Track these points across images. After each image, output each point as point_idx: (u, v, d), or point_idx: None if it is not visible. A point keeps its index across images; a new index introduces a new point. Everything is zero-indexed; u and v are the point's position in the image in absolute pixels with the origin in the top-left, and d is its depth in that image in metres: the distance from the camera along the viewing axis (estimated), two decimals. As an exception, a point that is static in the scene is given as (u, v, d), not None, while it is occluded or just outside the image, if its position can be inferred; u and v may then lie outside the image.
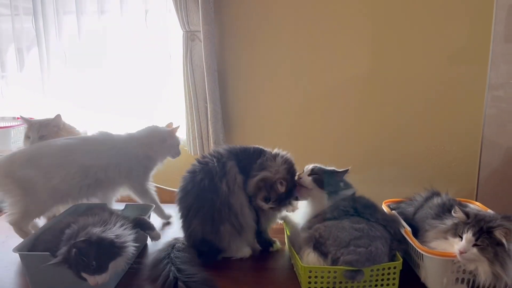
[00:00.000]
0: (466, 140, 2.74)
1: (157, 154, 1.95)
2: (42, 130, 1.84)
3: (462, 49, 2.67)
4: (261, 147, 1.57)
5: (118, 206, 1.74)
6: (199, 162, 1.52)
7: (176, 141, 2.02)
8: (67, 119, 2.80)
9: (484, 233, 1.15)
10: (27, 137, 1.91)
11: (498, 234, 1.14)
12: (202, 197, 1.44)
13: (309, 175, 1.50)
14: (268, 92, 2.76)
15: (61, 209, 1.78)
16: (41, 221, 1.87)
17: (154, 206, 1.74)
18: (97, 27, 2.78)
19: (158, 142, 1.94)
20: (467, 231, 1.17)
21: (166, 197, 2.12)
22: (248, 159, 1.50)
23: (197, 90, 2.64)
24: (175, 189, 2.03)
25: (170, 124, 2.07)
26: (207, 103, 2.63)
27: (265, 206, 1.45)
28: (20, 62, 2.96)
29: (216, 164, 1.47)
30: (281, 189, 1.42)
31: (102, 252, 1.19)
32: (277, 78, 2.75)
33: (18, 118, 2.82)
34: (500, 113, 2.74)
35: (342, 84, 2.72)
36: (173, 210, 1.94)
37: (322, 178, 1.48)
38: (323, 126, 2.73)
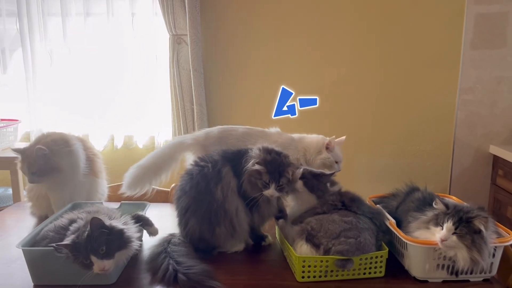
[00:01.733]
0: (440, 141, 2.91)
1: (310, 162, 1.92)
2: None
3: (436, 55, 2.84)
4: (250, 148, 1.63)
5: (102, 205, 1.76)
6: (196, 164, 1.56)
7: (333, 156, 1.92)
8: (52, 121, 2.83)
9: (463, 222, 1.27)
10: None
11: (478, 223, 1.25)
12: (199, 199, 1.49)
13: (300, 178, 1.58)
14: (253, 94, 2.85)
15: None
16: (30, 220, 1.89)
17: (149, 204, 1.77)
18: (83, 29, 2.82)
19: (313, 151, 1.93)
20: (447, 221, 1.28)
21: (158, 197, 2.15)
22: (241, 162, 1.54)
23: (183, 92, 2.71)
24: (158, 188, 2.10)
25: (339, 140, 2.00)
26: (193, 105, 2.71)
27: (272, 192, 1.47)
28: (3, 63, 2.95)
29: (211, 170, 1.51)
30: (259, 168, 1.46)
31: (112, 239, 1.24)
32: (262, 80, 2.84)
33: (2, 120, 2.82)
34: (470, 115, 2.92)
35: (325, 87, 2.84)
36: (166, 209, 2.01)
37: (312, 182, 1.58)
38: (306, 127, 2.84)
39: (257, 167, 1.46)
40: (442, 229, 1.29)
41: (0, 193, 2.88)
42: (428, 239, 1.33)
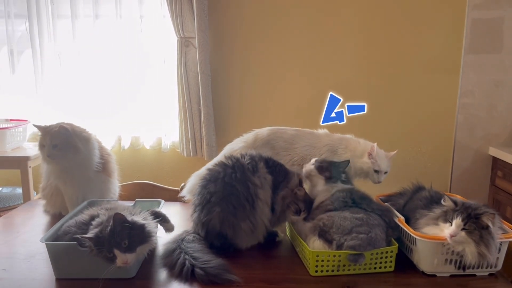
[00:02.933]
0: (440, 143, 2.97)
1: (354, 163, 1.93)
2: None
3: (436, 59, 2.90)
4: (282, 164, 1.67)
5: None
6: (230, 158, 1.58)
7: (373, 164, 1.89)
8: (60, 121, 2.84)
9: (471, 218, 1.32)
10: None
11: (486, 219, 1.31)
12: (231, 185, 1.49)
13: (312, 164, 1.65)
14: (260, 96, 2.90)
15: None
16: (44, 218, 1.93)
17: (163, 201, 1.80)
18: (91, 31, 2.86)
19: (358, 153, 1.94)
20: (457, 217, 1.34)
21: (158, 194, 2.19)
22: (276, 166, 1.60)
23: (190, 94, 2.76)
24: (168, 187, 2.14)
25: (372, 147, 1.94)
26: (200, 107, 2.75)
27: (298, 217, 1.55)
28: (12, 64, 2.98)
29: (248, 161, 1.54)
30: (300, 192, 1.54)
31: (134, 233, 1.28)
32: (269, 82, 2.89)
33: (11, 120, 2.85)
34: (470, 118, 2.98)
35: (328, 90, 2.89)
36: (176, 208, 2.05)
37: (323, 165, 1.64)
38: (312, 129, 2.90)
39: (301, 191, 1.52)
40: (451, 225, 1.35)
41: (9, 193, 2.92)
42: (437, 234, 1.38)
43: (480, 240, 1.31)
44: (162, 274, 1.43)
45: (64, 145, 1.79)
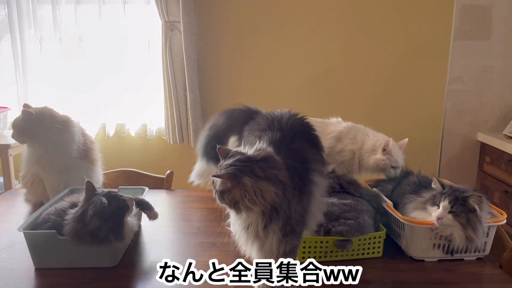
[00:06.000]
0: (429, 129, 2.96)
1: (362, 159, 1.85)
2: None
3: (425, 45, 2.88)
4: None
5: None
6: None
7: (390, 159, 1.76)
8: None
9: (458, 201, 1.31)
10: None
11: (472, 201, 1.30)
12: None
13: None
14: (247, 82, 2.86)
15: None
16: (25, 206, 1.88)
17: (147, 189, 1.76)
18: (73, 17, 2.78)
19: (369, 148, 1.85)
20: (444, 200, 1.33)
21: (143, 182, 2.14)
22: None
23: (176, 79, 2.70)
24: (154, 174, 2.10)
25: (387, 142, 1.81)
26: (186, 93, 2.70)
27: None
28: (-10, 50, 2.90)
29: None
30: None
31: (115, 210, 1.29)
32: (256, 67, 2.85)
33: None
34: (459, 104, 2.97)
35: (317, 75, 2.86)
36: (161, 195, 2.01)
37: None
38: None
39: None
40: (439, 208, 1.33)
41: (-10, 182, 2.85)
42: (425, 219, 1.37)
43: (467, 223, 1.30)
44: (145, 263, 1.40)
45: (23, 130, 1.77)
